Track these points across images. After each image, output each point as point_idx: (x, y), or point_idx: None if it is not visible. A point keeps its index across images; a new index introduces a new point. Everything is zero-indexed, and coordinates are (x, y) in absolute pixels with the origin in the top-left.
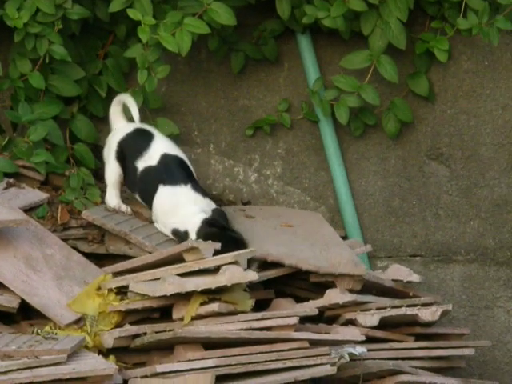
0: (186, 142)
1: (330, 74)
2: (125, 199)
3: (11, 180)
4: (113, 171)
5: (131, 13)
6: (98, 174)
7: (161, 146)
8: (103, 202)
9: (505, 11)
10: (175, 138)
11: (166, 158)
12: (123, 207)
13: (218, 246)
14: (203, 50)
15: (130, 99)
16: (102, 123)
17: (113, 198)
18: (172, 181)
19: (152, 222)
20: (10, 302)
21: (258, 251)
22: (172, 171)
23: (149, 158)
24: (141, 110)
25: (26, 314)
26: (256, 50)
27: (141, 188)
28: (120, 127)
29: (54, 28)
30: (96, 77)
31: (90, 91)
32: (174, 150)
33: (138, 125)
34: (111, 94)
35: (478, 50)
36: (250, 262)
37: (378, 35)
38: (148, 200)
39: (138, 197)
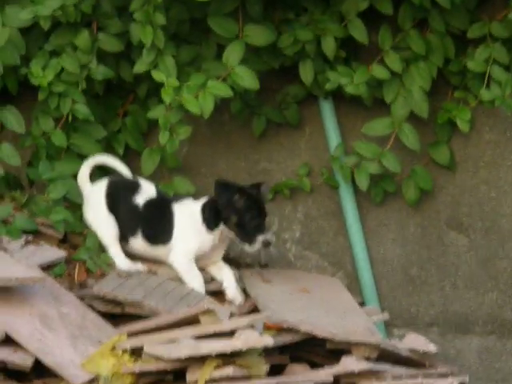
0: None
1: (352, 140)
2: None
3: (29, 237)
4: (109, 226)
5: (155, 74)
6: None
7: (147, 182)
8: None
9: None
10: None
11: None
12: (137, 266)
13: (234, 309)
14: (225, 113)
15: (110, 159)
16: None
17: (121, 260)
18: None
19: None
20: (24, 361)
21: (274, 317)
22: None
23: (145, 193)
24: (157, 170)
25: (39, 373)
26: (278, 114)
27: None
28: (94, 186)
29: (77, 87)
30: (115, 135)
31: (108, 149)
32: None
33: (105, 179)
34: (129, 153)
35: (499, 121)
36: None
37: (401, 103)
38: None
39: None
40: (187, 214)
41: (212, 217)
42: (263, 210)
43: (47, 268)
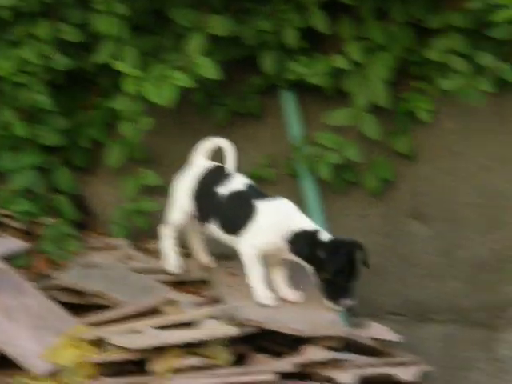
0: (168, 194)
1: (314, 131)
2: None
3: None
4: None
5: (117, 65)
6: (80, 225)
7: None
8: (81, 254)
9: (487, 73)
10: (158, 190)
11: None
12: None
13: (197, 299)
14: (188, 104)
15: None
16: (85, 174)
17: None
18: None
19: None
20: None
21: (240, 315)
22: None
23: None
24: (123, 161)
25: (2, 364)
26: (240, 105)
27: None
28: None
29: (39, 78)
30: (79, 127)
31: (72, 142)
32: None
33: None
34: (94, 145)
35: (459, 111)
36: None
37: (362, 93)
38: None
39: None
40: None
41: (303, 245)
42: (356, 273)
43: (9, 259)
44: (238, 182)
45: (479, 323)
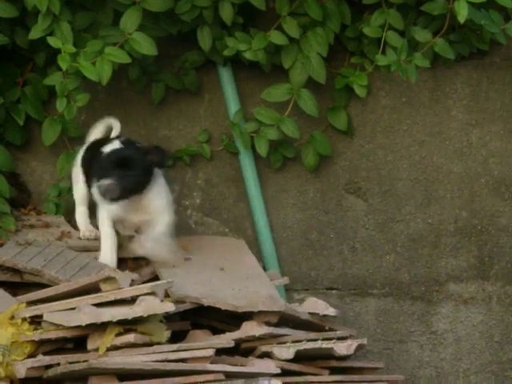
0: None
1: (251, 107)
2: None
3: None
4: None
5: (51, 40)
6: (15, 203)
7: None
8: (17, 232)
9: (422, 49)
10: None
11: None
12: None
13: (135, 276)
14: (123, 80)
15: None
16: (20, 151)
17: None
18: None
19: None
20: None
21: (177, 292)
22: None
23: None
24: (59, 139)
25: None
26: (177, 81)
27: None
28: None
29: None
30: (14, 104)
31: (7, 119)
32: None
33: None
34: (29, 123)
35: (396, 87)
36: None
37: (299, 69)
38: None
39: None
40: None
41: None
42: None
43: None
44: (116, 143)
45: (416, 297)
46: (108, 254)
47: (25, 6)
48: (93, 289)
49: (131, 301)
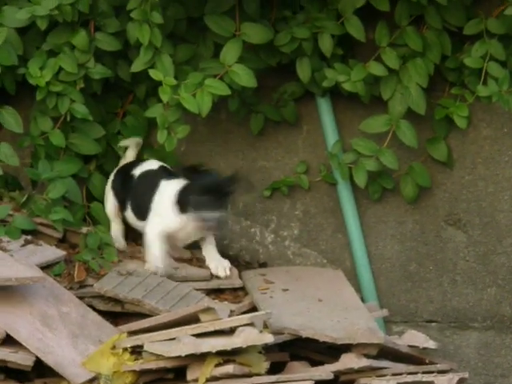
0: None
1: (349, 138)
2: None
3: (29, 237)
4: None
5: (153, 73)
6: None
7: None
8: (117, 262)
9: None
10: None
11: None
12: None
13: (233, 307)
14: (223, 111)
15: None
16: None
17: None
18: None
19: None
20: (24, 360)
21: (275, 323)
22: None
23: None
24: None
25: (40, 372)
26: (275, 112)
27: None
28: None
29: (75, 87)
30: (114, 135)
31: (107, 150)
32: None
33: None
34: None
35: (497, 117)
36: None
37: (398, 100)
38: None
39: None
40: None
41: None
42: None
43: (46, 267)
44: (149, 165)
45: None
46: (158, 256)
47: (127, 40)
48: (192, 319)
49: (230, 332)
